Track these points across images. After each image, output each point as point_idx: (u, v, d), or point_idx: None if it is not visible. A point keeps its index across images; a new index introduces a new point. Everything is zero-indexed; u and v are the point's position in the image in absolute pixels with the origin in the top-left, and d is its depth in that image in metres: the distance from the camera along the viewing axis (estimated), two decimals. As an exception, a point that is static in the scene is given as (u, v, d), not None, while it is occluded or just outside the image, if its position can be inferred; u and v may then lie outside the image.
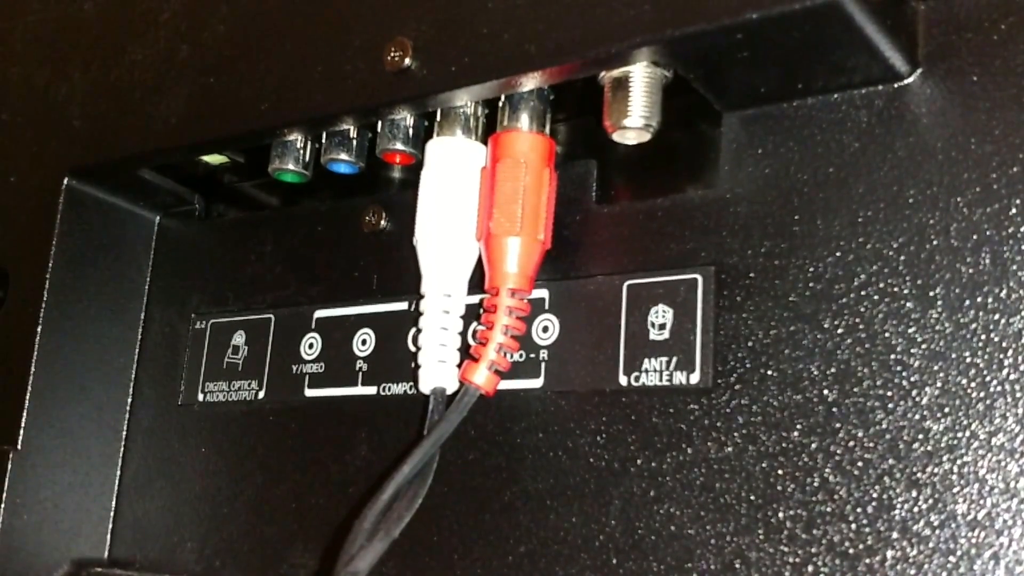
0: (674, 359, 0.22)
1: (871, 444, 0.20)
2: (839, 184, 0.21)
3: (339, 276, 0.28)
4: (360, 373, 0.27)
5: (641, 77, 0.21)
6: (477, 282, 0.24)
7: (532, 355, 0.24)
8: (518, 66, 0.22)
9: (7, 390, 0.29)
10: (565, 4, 0.21)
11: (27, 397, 0.29)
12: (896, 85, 0.21)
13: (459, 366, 0.23)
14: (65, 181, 0.30)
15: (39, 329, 0.30)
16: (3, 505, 0.28)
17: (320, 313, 0.28)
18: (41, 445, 0.29)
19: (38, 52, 0.32)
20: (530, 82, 0.23)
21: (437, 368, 0.23)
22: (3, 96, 0.33)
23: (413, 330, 0.25)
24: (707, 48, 0.20)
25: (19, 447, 0.29)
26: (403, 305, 0.26)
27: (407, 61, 0.23)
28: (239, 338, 0.29)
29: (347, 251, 0.28)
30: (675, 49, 0.21)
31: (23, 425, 0.29)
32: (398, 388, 0.26)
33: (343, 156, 0.26)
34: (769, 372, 0.21)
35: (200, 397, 0.30)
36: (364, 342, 0.27)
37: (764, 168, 0.22)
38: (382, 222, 0.27)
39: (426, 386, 0.23)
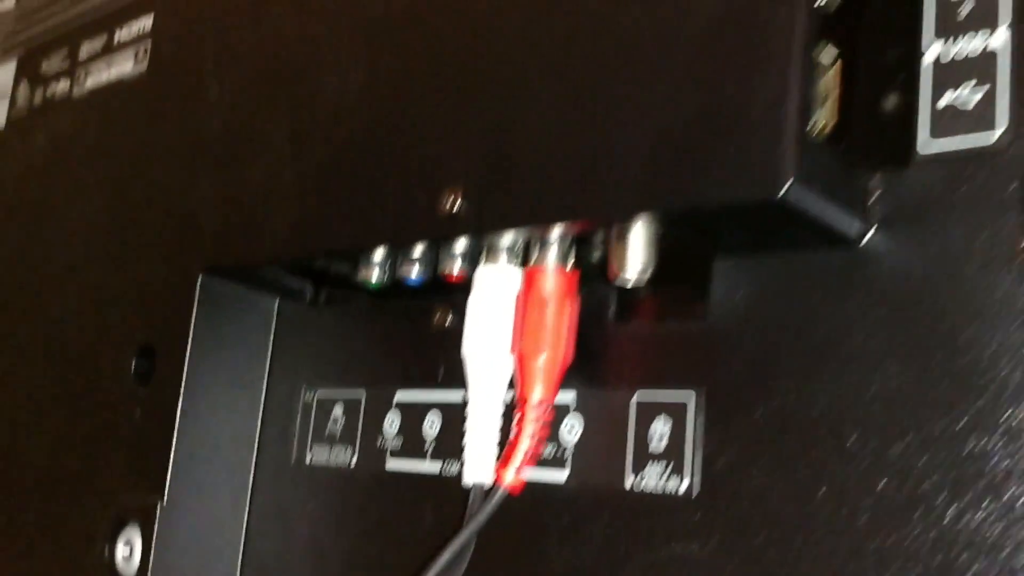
0: (670, 466, 0.26)
1: (841, 552, 0.23)
2: (803, 327, 0.25)
3: (414, 364, 0.33)
4: (428, 452, 0.32)
5: (639, 234, 0.26)
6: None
7: (560, 451, 0.28)
8: (542, 218, 0.27)
9: (155, 451, 0.36)
10: (578, 176, 0.26)
11: (171, 457, 0.36)
12: (848, 248, 0.24)
13: (499, 457, 0.28)
14: (200, 278, 0.36)
15: (181, 399, 0.36)
16: (153, 548, 0.35)
17: (399, 395, 0.33)
18: (182, 497, 0.36)
19: (176, 161, 0.39)
20: (554, 231, 0.27)
21: (477, 464, 0.28)
22: (148, 195, 0.40)
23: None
24: (686, 219, 0.24)
25: (165, 500, 0.35)
26: (461, 396, 0.31)
27: (458, 206, 0.28)
28: (338, 410, 0.35)
29: (421, 344, 0.33)
30: (661, 218, 0.25)
31: (168, 481, 0.36)
32: (455, 468, 0.31)
33: (412, 271, 0.31)
34: (747, 482, 0.25)
35: (307, 459, 0.35)
36: (432, 424, 0.32)
37: (745, 307, 0.26)
38: (447, 321, 0.32)
39: (468, 479, 0.28)
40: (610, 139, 0.25)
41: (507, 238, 0.28)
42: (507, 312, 0.28)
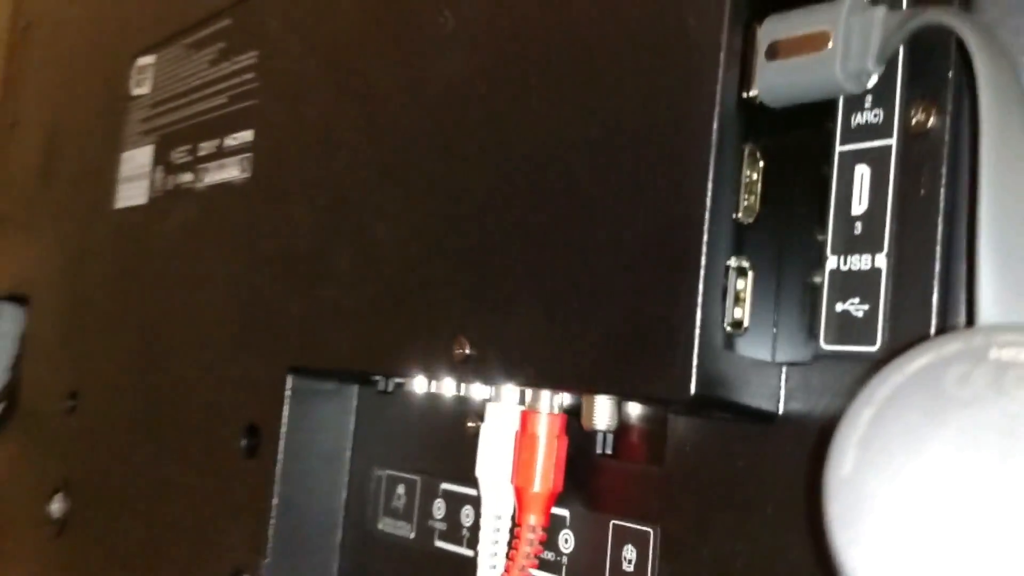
0: (635, 585, 0.32)
1: (743, 674, 0.28)
2: (735, 482, 0.29)
3: (454, 461, 0.39)
4: (464, 539, 0.38)
5: (602, 396, 0.31)
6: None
7: (558, 558, 0.34)
8: (524, 381, 0.32)
9: (260, 516, 0.44)
10: (549, 354, 0.31)
11: (271, 523, 0.43)
12: (766, 420, 0.29)
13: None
14: (288, 378, 0.44)
15: (278, 473, 0.44)
16: (259, 600, 0.43)
17: (444, 485, 0.40)
18: (282, 556, 0.43)
19: (270, 268, 0.46)
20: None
21: (486, 569, 0.34)
22: (252, 292, 0.47)
23: (487, 527, 0.37)
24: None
25: (268, 558, 0.43)
26: (489, 498, 0.37)
27: (467, 352, 0.34)
28: (400, 489, 0.42)
29: (460, 443, 0.39)
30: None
31: (270, 542, 0.43)
32: (483, 560, 0.37)
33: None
34: (694, 605, 0.30)
35: (379, 527, 0.43)
36: (467, 516, 0.38)
37: (694, 458, 0.31)
38: (476, 430, 0.38)
39: (480, 582, 0.34)
40: (570, 332, 0.30)
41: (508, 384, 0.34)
42: (508, 446, 0.34)
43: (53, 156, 0.76)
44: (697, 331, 0.27)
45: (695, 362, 0.27)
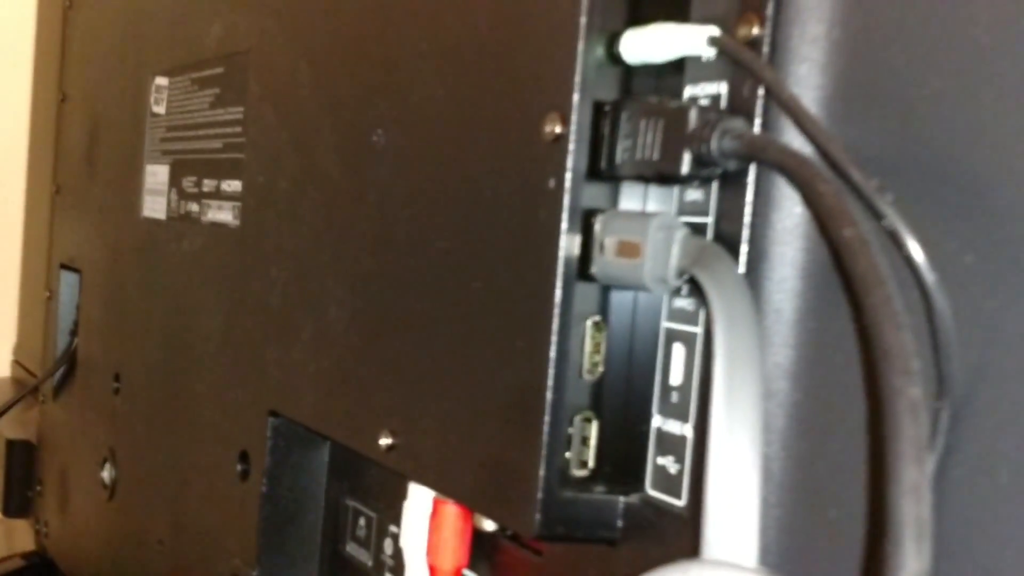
0: (520, 650, 0.38)
1: None
2: (590, 584, 0.35)
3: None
4: (406, 579, 0.45)
5: (485, 503, 0.37)
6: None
7: (469, 614, 0.41)
8: (429, 484, 0.38)
9: (249, 534, 0.51)
10: (449, 467, 0.37)
11: (259, 541, 0.51)
12: (609, 544, 0.34)
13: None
14: (268, 418, 0.50)
15: (263, 499, 0.51)
16: (249, 607, 0.51)
17: (392, 527, 0.46)
18: (268, 572, 0.51)
19: (254, 316, 0.52)
20: (443, 480, 0.38)
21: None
22: (242, 333, 0.53)
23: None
24: (500, 514, 0.35)
25: (256, 572, 0.51)
26: (422, 549, 0.44)
27: (391, 443, 0.40)
28: (362, 521, 0.49)
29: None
30: (488, 507, 0.36)
31: (258, 557, 0.51)
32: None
33: (385, 459, 0.43)
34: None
35: (347, 551, 0.50)
36: (409, 560, 0.45)
37: (565, 554, 0.36)
38: (417, 488, 0.44)
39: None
40: (458, 455, 0.36)
41: (422, 473, 0.40)
42: (425, 523, 0.40)
43: (95, 143, 0.82)
44: (541, 479, 0.32)
45: (539, 507, 0.32)
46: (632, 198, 0.33)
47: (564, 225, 0.31)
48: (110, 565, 0.74)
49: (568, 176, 0.31)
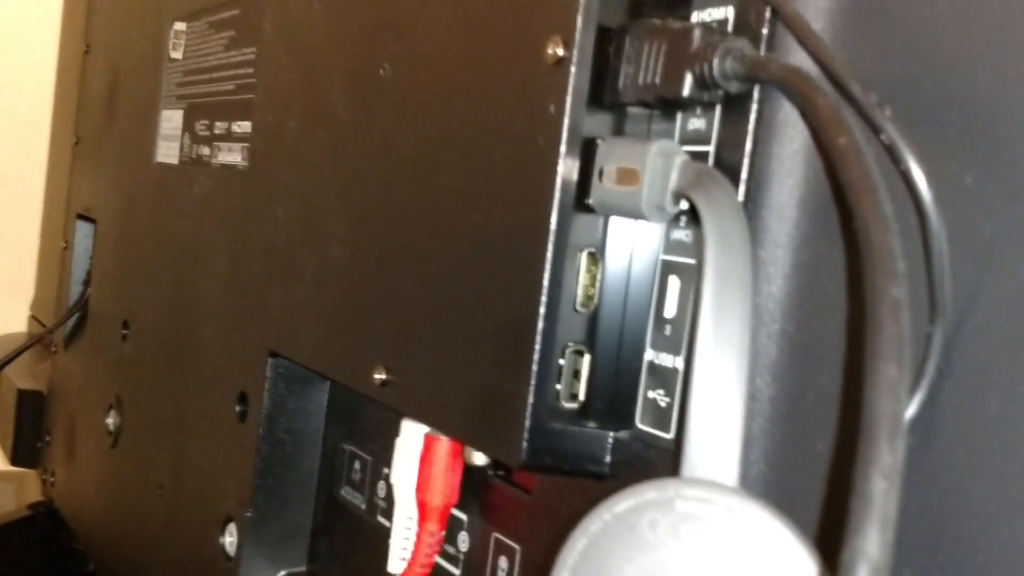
0: (505, 589, 0.38)
1: None
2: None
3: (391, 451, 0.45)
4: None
5: (476, 438, 0.36)
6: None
7: (456, 554, 0.40)
8: (421, 418, 0.38)
9: (246, 473, 0.51)
10: (441, 401, 0.36)
11: (254, 480, 0.51)
12: (597, 479, 0.34)
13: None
14: (268, 359, 0.50)
15: (259, 444, 0.51)
16: (245, 541, 0.51)
17: (386, 469, 0.46)
18: (262, 514, 0.51)
19: (258, 254, 0.52)
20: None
21: (395, 560, 0.41)
22: (247, 272, 0.53)
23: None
24: (488, 447, 0.35)
25: (250, 512, 0.51)
26: (414, 490, 0.43)
27: (385, 379, 0.40)
28: (357, 464, 0.48)
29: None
30: (477, 440, 0.35)
31: (252, 497, 0.51)
32: (406, 543, 0.43)
33: (380, 399, 0.43)
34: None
35: (342, 494, 0.49)
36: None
37: (556, 491, 0.36)
38: (412, 430, 0.44)
39: (390, 568, 0.41)
40: (450, 389, 0.36)
41: (415, 409, 0.39)
42: (416, 460, 0.40)
43: (115, 93, 0.82)
44: (529, 408, 0.32)
45: (526, 435, 0.32)
46: (636, 130, 0.32)
47: (562, 148, 0.31)
48: (112, 513, 0.74)
49: (568, 100, 0.31)
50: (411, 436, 0.40)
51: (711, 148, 0.30)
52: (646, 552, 0.24)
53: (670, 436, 0.31)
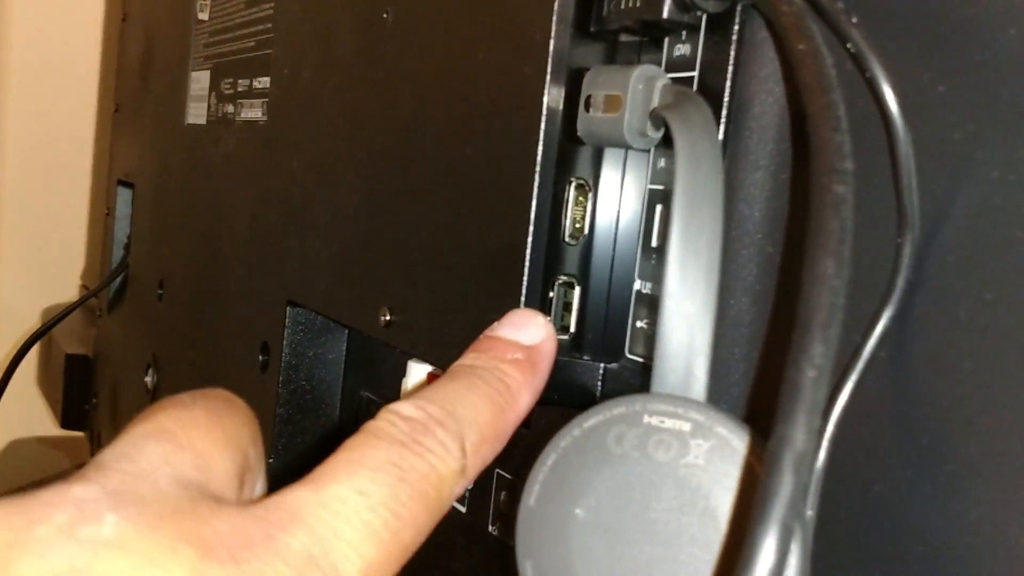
0: (507, 525, 0.38)
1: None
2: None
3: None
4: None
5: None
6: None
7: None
8: (421, 355, 0.38)
9: (267, 423, 0.52)
10: (438, 338, 0.37)
11: (275, 429, 0.52)
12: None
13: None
14: (287, 308, 0.51)
15: (280, 394, 0.51)
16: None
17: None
18: (283, 462, 0.52)
19: (277, 207, 0.52)
20: (436, 353, 0.38)
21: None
22: (267, 225, 0.54)
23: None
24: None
25: (271, 459, 0.52)
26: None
27: (389, 319, 0.40)
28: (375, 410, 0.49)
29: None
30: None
31: (274, 445, 0.52)
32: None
33: (389, 342, 0.44)
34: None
35: (358, 441, 0.50)
36: (412, 444, 0.45)
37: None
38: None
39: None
40: (445, 325, 0.36)
41: (419, 349, 0.40)
42: (420, 400, 0.40)
43: (150, 58, 0.84)
44: (519, 340, 0.32)
45: (516, 365, 0.32)
46: (626, 60, 0.32)
47: (548, 77, 0.31)
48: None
49: (552, 27, 0.31)
50: (417, 376, 0.41)
51: (696, 73, 0.30)
52: (612, 464, 0.24)
53: (658, 364, 0.31)
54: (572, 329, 0.33)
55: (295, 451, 0.52)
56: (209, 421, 0.22)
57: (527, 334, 0.28)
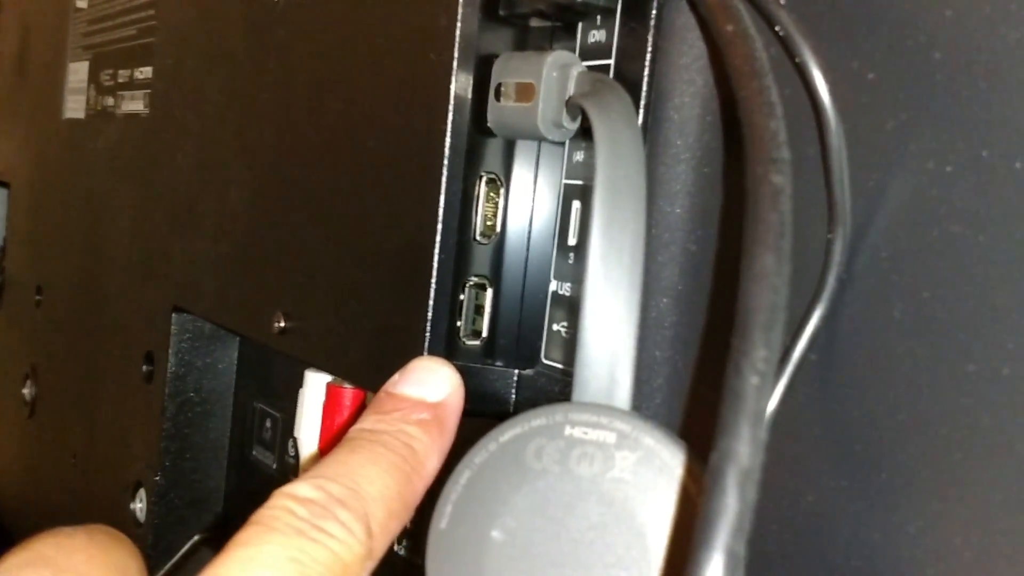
0: None
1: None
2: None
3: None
4: (307, 477, 0.42)
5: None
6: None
7: (365, 507, 0.38)
8: (320, 366, 0.36)
9: (154, 436, 0.49)
10: (339, 346, 0.34)
11: (162, 446, 0.48)
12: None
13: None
14: (173, 314, 0.48)
15: (167, 404, 0.48)
16: (154, 504, 0.48)
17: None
18: (172, 478, 0.49)
19: (161, 205, 0.49)
20: (336, 361, 0.36)
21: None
22: (150, 226, 0.50)
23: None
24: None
25: (159, 476, 0.48)
26: (323, 444, 0.41)
27: (284, 324, 0.38)
28: (268, 423, 0.46)
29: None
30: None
31: (161, 461, 0.48)
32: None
33: (285, 349, 0.41)
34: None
35: (253, 454, 0.47)
36: (311, 457, 0.43)
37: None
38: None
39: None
40: (347, 331, 0.33)
41: (318, 356, 0.37)
42: (318, 415, 0.38)
43: (27, 50, 0.79)
44: (426, 346, 0.30)
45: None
46: (537, 47, 0.30)
47: (454, 63, 0.29)
48: (29, 485, 0.71)
49: (459, 11, 0.29)
50: (314, 387, 0.38)
51: (612, 61, 0.28)
52: (532, 481, 0.22)
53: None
54: (484, 333, 0.31)
55: (183, 466, 0.49)
56: (91, 547, 0.20)
57: (432, 389, 0.26)
